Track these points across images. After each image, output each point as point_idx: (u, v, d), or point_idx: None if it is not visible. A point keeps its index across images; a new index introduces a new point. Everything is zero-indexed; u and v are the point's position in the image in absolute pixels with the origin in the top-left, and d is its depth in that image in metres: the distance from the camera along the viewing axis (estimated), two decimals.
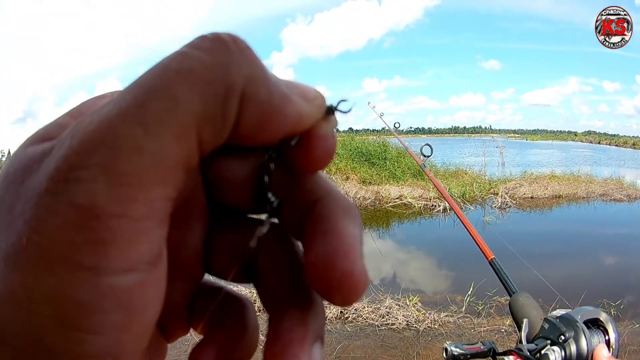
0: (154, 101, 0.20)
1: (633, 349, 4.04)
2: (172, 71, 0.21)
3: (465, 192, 11.25)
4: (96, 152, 0.19)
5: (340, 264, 0.22)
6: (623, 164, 21.08)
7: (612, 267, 6.86)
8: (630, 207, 11.12)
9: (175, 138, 0.20)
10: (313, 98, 0.25)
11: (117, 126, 0.20)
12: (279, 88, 0.23)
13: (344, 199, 0.26)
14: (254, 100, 0.22)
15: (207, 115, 0.21)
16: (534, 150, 34.47)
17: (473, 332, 4.57)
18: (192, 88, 0.21)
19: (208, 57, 0.22)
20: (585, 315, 1.28)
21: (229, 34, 0.23)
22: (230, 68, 0.22)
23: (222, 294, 0.29)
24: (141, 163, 0.20)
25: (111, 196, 0.19)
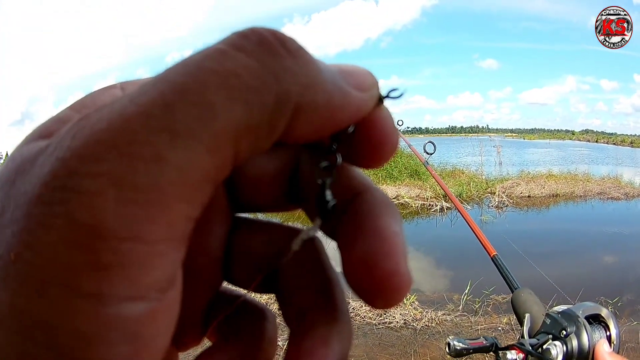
0: (185, 105, 0.17)
1: (631, 346, 4.05)
2: (209, 72, 0.18)
3: (462, 191, 11.23)
4: (105, 158, 0.16)
5: (383, 264, 0.21)
6: (621, 163, 21.09)
7: (609, 265, 6.86)
8: (627, 206, 11.11)
9: (207, 150, 0.18)
10: (370, 87, 0.23)
11: (136, 128, 0.17)
12: (337, 86, 0.21)
13: (383, 195, 0.24)
14: (310, 109, 0.20)
15: (250, 126, 0.18)
16: (531, 149, 34.51)
17: (470, 330, 4.57)
18: (235, 95, 0.18)
19: (255, 63, 0.19)
20: (586, 310, 1.28)
21: (272, 32, 0.20)
22: (282, 76, 0.19)
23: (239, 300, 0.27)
24: (162, 177, 0.17)
25: (121, 215, 0.16)
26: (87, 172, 0.16)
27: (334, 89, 0.21)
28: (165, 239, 0.17)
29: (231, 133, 0.18)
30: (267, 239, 0.26)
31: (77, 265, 0.16)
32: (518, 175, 13.45)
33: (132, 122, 0.17)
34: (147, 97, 0.18)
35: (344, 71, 0.22)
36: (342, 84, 0.21)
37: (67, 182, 0.16)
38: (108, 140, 0.17)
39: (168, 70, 0.19)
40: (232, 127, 0.18)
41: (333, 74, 0.21)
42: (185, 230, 0.18)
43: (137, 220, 0.16)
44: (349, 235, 0.22)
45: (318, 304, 0.24)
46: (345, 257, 0.22)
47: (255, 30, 0.20)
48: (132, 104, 0.17)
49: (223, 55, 0.19)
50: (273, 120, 0.19)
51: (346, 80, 0.22)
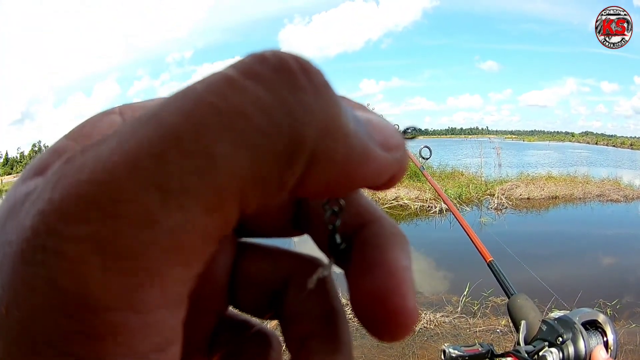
0: (179, 155, 0.15)
1: (629, 349, 4.05)
2: (210, 110, 0.15)
3: (461, 193, 11.24)
4: (87, 218, 0.14)
5: (391, 300, 0.20)
6: (620, 165, 21.09)
7: (608, 267, 6.86)
8: (627, 208, 11.12)
9: (206, 210, 0.15)
10: (396, 146, 0.19)
11: (122, 183, 0.15)
12: (359, 139, 0.18)
13: (393, 226, 0.23)
14: (326, 160, 0.17)
15: (257, 178, 0.16)
16: (530, 151, 34.52)
17: (469, 332, 4.57)
18: (240, 142, 0.15)
19: (268, 95, 0.16)
20: (583, 316, 1.28)
21: (297, 58, 0.17)
22: (299, 115, 0.16)
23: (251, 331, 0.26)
24: (154, 242, 0.15)
25: (109, 285, 0.15)
26: (67, 234, 0.14)
27: (356, 140, 0.17)
28: (160, 306, 0.16)
29: (234, 187, 0.15)
30: (272, 265, 0.25)
31: (67, 332, 0.15)
32: (517, 177, 13.46)
33: (118, 175, 0.15)
34: (135, 143, 0.15)
35: (369, 122, 0.19)
36: (365, 137, 0.18)
37: (47, 242, 0.15)
38: (90, 196, 0.15)
39: (163, 104, 0.16)
40: (235, 181, 0.15)
41: (357, 123, 0.18)
42: (183, 293, 0.17)
43: (127, 291, 0.15)
44: (358, 267, 0.21)
45: (320, 332, 0.23)
46: (353, 290, 0.21)
47: (276, 53, 0.17)
48: (119, 151, 0.15)
49: (230, 85, 0.16)
50: (284, 171, 0.16)
51: (370, 133, 0.18)
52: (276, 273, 0.25)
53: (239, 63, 0.17)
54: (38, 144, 59.35)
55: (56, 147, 0.20)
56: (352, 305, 0.21)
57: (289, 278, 0.25)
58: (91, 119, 0.22)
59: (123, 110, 0.23)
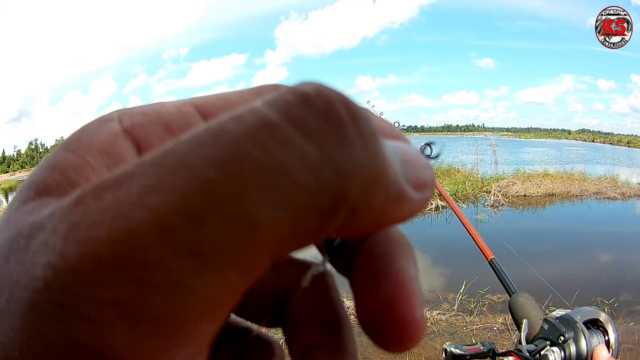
0: (217, 219, 0.13)
1: (628, 347, 4.06)
2: (251, 166, 0.14)
3: (457, 190, 11.28)
4: (108, 282, 0.13)
5: (398, 312, 0.19)
6: (617, 162, 21.18)
7: (606, 265, 6.89)
8: (624, 205, 11.17)
9: (241, 271, 0.14)
10: (428, 185, 0.19)
11: (148, 247, 0.13)
12: (397, 185, 0.17)
13: (398, 234, 0.22)
14: (365, 212, 0.16)
15: (296, 236, 0.15)
16: (527, 148, 34.63)
17: (465, 330, 4.58)
18: (283, 202, 0.14)
19: (314, 150, 0.15)
20: (584, 315, 1.28)
21: (344, 101, 0.16)
22: (346, 172, 0.15)
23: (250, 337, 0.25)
24: (186, 306, 0.14)
25: (137, 346, 0.14)
26: (87, 297, 0.13)
27: (394, 187, 0.17)
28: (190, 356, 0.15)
29: (273, 247, 0.14)
30: (275, 272, 0.24)
31: None
32: (514, 174, 13.51)
33: (143, 237, 0.13)
34: (162, 198, 0.14)
35: (406, 160, 0.18)
36: (402, 182, 0.17)
37: (64, 301, 0.13)
38: (112, 258, 0.13)
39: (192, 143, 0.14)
40: (274, 241, 0.14)
41: (397, 168, 0.17)
42: (209, 342, 0.16)
43: (157, 350, 0.14)
44: (363, 277, 0.21)
45: (324, 341, 0.22)
46: (359, 300, 0.20)
47: (321, 93, 0.16)
48: (142, 206, 0.14)
49: (272, 135, 0.14)
50: (322, 227, 0.15)
51: (406, 173, 0.17)
52: (279, 280, 0.24)
53: (280, 102, 0.15)
54: (35, 141, 59.20)
55: (56, 162, 0.19)
56: (357, 315, 0.20)
57: (292, 285, 0.24)
58: (89, 127, 0.21)
59: (122, 117, 0.21)
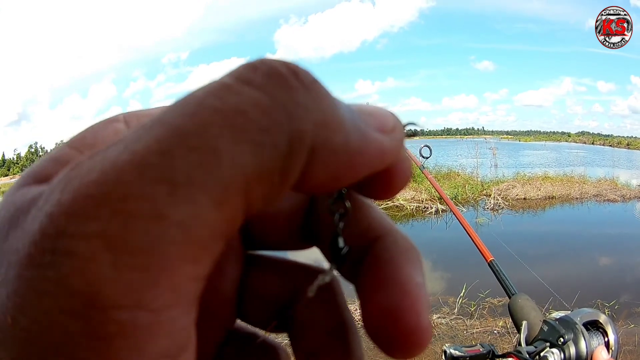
0: (185, 150, 0.15)
1: (628, 349, 4.06)
2: (212, 111, 0.16)
3: (457, 193, 11.26)
4: (96, 216, 0.15)
5: (405, 319, 0.20)
6: (617, 164, 21.16)
7: (606, 267, 6.88)
8: (624, 208, 11.15)
9: (213, 203, 0.15)
10: (392, 128, 0.20)
11: (130, 181, 0.15)
12: (355, 127, 0.18)
13: (405, 240, 0.23)
14: (326, 151, 0.17)
15: (261, 173, 0.16)
16: (526, 151, 34.63)
17: (466, 333, 4.57)
18: (241, 137, 0.16)
19: (263, 97, 0.17)
20: (584, 317, 1.28)
21: (285, 63, 0.18)
22: (295, 112, 0.17)
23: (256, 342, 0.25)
24: (163, 236, 0.15)
25: (119, 282, 0.14)
26: (77, 233, 0.14)
27: (352, 128, 0.18)
28: (171, 305, 0.15)
29: (240, 181, 0.16)
30: (280, 277, 0.24)
31: (76, 335, 0.14)
32: (514, 177, 13.48)
33: (126, 173, 0.15)
34: (142, 143, 0.15)
35: (363, 111, 0.20)
36: (361, 124, 0.19)
37: (57, 243, 0.14)
38: (99, 194, 0.15)
39: (167, 110, 0.16)
40: (240, 174, 0.16)
41: (351, 112, 0.19)
42: (195, 292, 0.16)
43: (138, 287, 0.15)
44: (370, 283, 0.21)
45: (331, 347, 0.23)
46: (365, 307, 0.21)
47: (264, 61, 0.18)
48: (126, 152, 0.15)
49: (227, 90, 0.17)
50: (286, 164, 0.17)
51: (366, 120, 0.19)
52: (285, 285, 0.24)
53: (233, 72, 0.18)
54: (34, 145, 59.37)
55: (57, 156, 0.20)
56: (363, 320, 0.21)
57: (298, 290, 0.24)
58: (94, 127, 0.22)
59: (128, 118, 0.23)
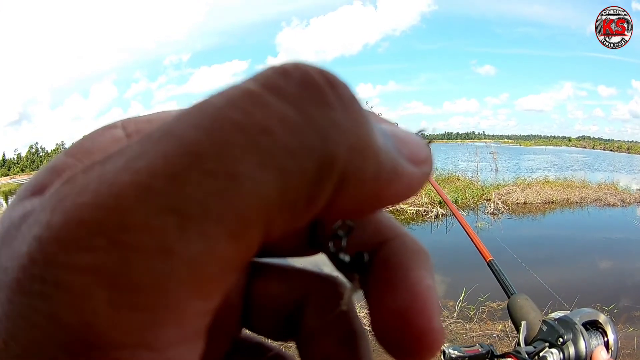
0: (199, 176, 0.13)
1: (627, 353, 4.05)
2: (233, 127, 0.14)
3: (457, 197, 11.24)
4: (90, 246, 0.13)
5: (416, 322, 0.19)
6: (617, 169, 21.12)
7: (606, 271, 6.87)
8: (624, 212, 11.12)
9: (229, 237, 0.14)
10: (424, 160, 0.18)
11: (131, 208, 0.13)
12: (388, 155, 0.17)
13: (414, 242, 0.22)
14: (356, 180, 0.16)
15: (285, 202, 0.14)
16: (527, 155, 34.59)
17: (465, 337, 4.56)
18: (266, 161, 0.14)
19: (294, 113, 0.15)
20: (583, 317, 1.28)
21: (321, 72, 0.16)
22: (329, 134, 0.15)
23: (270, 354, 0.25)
24: (170, 274, 0.13)
25: (117, 320, 0.13)
26: (68, 264, 0.13)
27: (385, 157, 0.16)
28: (177, 342, 0.14)
29: (260, 211, 0.14)
30: (287, 285, 0.24)
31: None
32: (514, 181, 13.47)
33: (126, 198, 0.13)
34: (147, 161, 0.13)
35: (397, 137, 0.18)
36: (394, 153, 0.17)
37: (46, 272, 0.13)
38: (94, 221, 0.13)
39: (177, 118, 0.14)
40: (261, 204, 0.14)
41: (386, 138, 0.17)
42: (202, 326, 0.15)
43: (139, 327, 0.13)
44: (379, 287, 0.20)
45: (340, 354, 0.22)
46: (375, 311, 0.20)
47: (298, 65, 0.16)
48: (128, 171, 0.13)
49: (252, 100, 0.14)
50: (313, 192, 0.15)
51: (399, 149, 0.17)
52: (292, 293, 0.23)
53: (260, 76, 0.15)
54: (35, 145, 59.19)
55: (55, 165, 0.19)
56: (373, 325, 0.20)
57: (306, 298, 0.23)
58: (92, 134, 0.21)
59: (126, 125, 0.21)
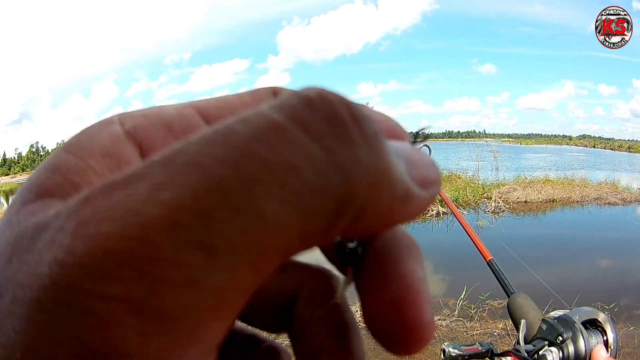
0: (227, 214, 0.14)
1: (627, 351, 4.05)
2: (260, 164, 0.14)
3: (458, 196, 11.24)
4: (119, 277, 0.13)
5: (407, 314, 0.19)
6: (618, 168, 21.11)
7: (606, 270, 6.87)
8: (625, 211, 11.12)
9: (252, 268, 0.14)
10: (432, 183, 0.19)
11: (160, 242, 0.13)
12: (402, 183, 0.17)
13: (405, 235, 0.22)
14: (373, 212, 0.16)
15: (304, 235, 0.15)
16: (528, 154, 34.57)
17: (466, 335, 4.57)
18: (292, 200, 0.14)
19: (321, 151, 0.15)
20: (583, 315, 1.28)
21: (347, 105, 0.16)
22: (351, 172, 0.15)
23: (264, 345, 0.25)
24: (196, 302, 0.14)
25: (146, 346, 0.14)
26: (95, 292, 0.13)
27: (400, 186, 0.17)
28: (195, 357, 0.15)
29: (282, 244, 0.15)
30: (280, 277, 0.24)
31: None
32: (515, 180, 13.47)
33: (155, 233, 0.13)
34: (174, 194, 0.14)
35: (409, 160, 0.18)
36: (408, 181, 0.17)
37: (71, 297, 0.13)
38: (122, 253, 0.13)
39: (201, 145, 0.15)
40: (283, 238, 0.15)
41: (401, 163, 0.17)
42: (218, 342, 0.16)
43: (164, 349, 0.14)
44: (370, 279, 0.21)
45: (332, 347, 0.22)
46: (367, 302, 0.20)
47: (324, 97, 0.16)
48: (154, 202, 0.14)
49: (279, 135, 0.15)
50: (331, 225, 0.15)
51: (411, 172, 0.18)
52: (285, 285, 0.24)
53: (286, 106, 0.16)
54: (36, 144, 59.31)
55: (56, 164, 0.19)
56: (364, 317, 0.20)
57: (299, 290, 0.23)
58: (89, 130, 0.21)
59: (123, 120, 0.21)
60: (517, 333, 1.36)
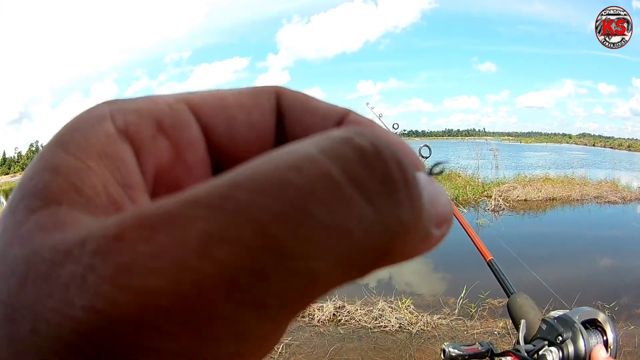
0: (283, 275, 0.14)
1: (628, 351, 4.06)
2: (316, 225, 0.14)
3: (458, 194, 11.25)
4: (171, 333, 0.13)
5: None
6: (618, 166, 21.12)
7: (606, 269, 6.88)
8: (625, 209, 11.13)
9: (295, 316, 0.15)
10: (447, 221, 0.18)
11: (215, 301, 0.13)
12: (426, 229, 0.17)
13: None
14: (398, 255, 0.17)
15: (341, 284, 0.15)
16: (527, 152, 34.57)
17: (466, 334, 4.57)
18: (340, 260, 0.14)
19: (372, 214, 0.15)
20: (583, 315, 1.27)
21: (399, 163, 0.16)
22: (394, 231, 0.15)
23: None
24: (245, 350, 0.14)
25: None
26: (143, 346, 0.13)
27: (424, 233, 0.17)
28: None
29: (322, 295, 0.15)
30: None
31: None
32: (514, 178, 13.49)
33: (211, 291, 0.13)
34: (230, 251, 0.13)
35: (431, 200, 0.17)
36: (430, 224, 0.17)
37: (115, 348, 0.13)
38: (175, 310, 0.13)
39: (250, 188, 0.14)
40: (325, 291, 0.15)
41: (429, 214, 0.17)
42: None
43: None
44: None
45: None
46: None
47: (379, 153, 0.16)
48: (208, 259, 0.13)
49: (337, 194, 0.14)
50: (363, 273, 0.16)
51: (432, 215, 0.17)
52: None
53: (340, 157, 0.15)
54: (35, 144, 59.26)
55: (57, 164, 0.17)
56: None
57: None
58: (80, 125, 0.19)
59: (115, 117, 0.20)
60: (517, 333, 1.36)
